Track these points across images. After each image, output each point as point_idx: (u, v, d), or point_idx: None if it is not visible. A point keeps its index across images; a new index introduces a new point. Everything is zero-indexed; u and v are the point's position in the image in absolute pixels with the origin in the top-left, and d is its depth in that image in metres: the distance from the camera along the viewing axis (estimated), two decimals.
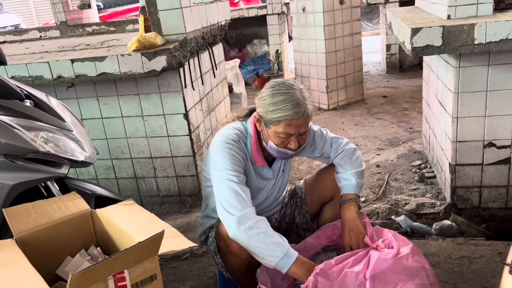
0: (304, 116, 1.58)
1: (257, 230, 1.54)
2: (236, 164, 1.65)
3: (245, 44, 7.35)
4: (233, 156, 1.66)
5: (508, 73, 2.23)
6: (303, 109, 1.57)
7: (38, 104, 1.89)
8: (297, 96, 1.58)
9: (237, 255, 1.66)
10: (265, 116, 1.62)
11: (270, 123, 1.61)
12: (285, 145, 1.64)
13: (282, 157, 1.72)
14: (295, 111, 1.56)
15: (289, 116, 1.56)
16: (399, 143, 3.76)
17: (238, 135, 1.72)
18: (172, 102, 2.79)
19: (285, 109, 1.56)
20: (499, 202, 2.48)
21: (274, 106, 1.58)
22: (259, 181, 1.82)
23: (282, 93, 1.59)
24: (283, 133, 1.60)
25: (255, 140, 1.74)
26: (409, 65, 6.36)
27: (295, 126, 1.58)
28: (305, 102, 1.59)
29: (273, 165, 1.84)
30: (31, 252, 1.46)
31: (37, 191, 1.85)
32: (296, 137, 1.62)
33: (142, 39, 2.58)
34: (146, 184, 3.03)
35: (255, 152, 1.74)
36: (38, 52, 3.15)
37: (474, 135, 2.39)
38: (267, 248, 1.52)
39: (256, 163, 1.76)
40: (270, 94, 1.61)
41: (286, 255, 1.51)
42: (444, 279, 1.97)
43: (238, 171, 1.65)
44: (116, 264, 1.21)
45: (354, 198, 1.75)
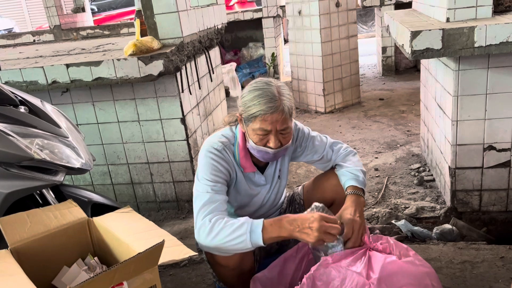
0: (278, 111, 1.55)
1: (216, 230, 1.49)
2: (214, 174, 1.63)
3: (241, 47, 7.33)
4: (213, 166, 1.64)
5: (508, 76, 2.22)
6: (277, 103, 1.55)
7: (33, 110, 1.86)
8: (272, 91, 1.57)
9: (224, 266, 1.63)
10: (244, 114, 1.62)
11: (248, 121, 1.60)
12: (264, 144, 1.61)
13: (264, 157, 1.68)
14: (268, 105, 1.54)
15: (262, 111, 1.54)
16: (397, 146, 3.75)
17: (223, 143, 1.70)
18: (169, 106, 2.75)
19: (258, 103, 1.55)
20: (499, 206, 2.47)
21: (250, 102, 1.58)
22: (252, 187, 1.79)
23: (257, 89, 1.59)
24: (259, 129, 1.58)
25: (243, 146, 1.71)
26: (405, 67, 6.37)
27: (270, 122, 1.56)
28: (280, 97, 1.57)
29: (265, 171, 1.81)
30: (26, 262, 1.43)
31: (32, 199, 1.81)
32: (275, 135, 1.59)
33: (139, 43, 2.55)
34: (142, 189, 2.99)
35: (243, 159, 1.72)
36: (32, 56, 3.11)
37: (474, 138, 2.37)
38: (233, 238, 1.47)
39: (245, 169, 1.74)
40: (248, 91, 1.61)
41: (252, 231, 1.46)
42: (447, 284, 1.95)
43: (216, 180, 1.62)
44: (115, 275, 1.17)
45: (361, 193, 1.72)
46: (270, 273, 1.68)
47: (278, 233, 1.47)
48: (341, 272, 1.45)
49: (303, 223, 1.45)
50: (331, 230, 1.44)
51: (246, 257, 1.65)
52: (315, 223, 1.43)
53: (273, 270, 1.68)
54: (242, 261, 1.62)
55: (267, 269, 1.69)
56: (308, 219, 1.45)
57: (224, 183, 1.66)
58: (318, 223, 1.43)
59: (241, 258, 1.61)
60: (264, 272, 1.68)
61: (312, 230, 1.43)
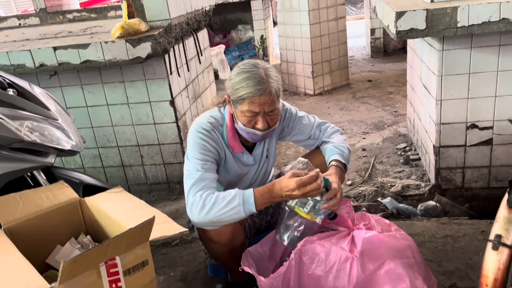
0: (266, 93, 1.58)
1: (209, 204, 1.53)
2: (203, 153, 1.66)
3: (230, 30, 7.29)
4: (202, 145, 1.67)
5: (489, 55, 2.27)
6: (265, 86, 1.58)
7: (21, 93, 1.86)
8: (260, 74, 1.59)
9: (216, 241, 1.67)
10: (232, 96, 1.64)
11: (236, 103, 1.63)
12: (252, 125, 1.65)
13: (252, 138, 1.71)
14: (256, 88, 1.57)
15: (251, 94, 1.57)
16: (384, 126, 3.81)
17: (211, 123, 1.73)
18: (158, 89, 2.77)
19: (247, 86, 1.58)
20: (481, 182, 2.55)
21: (238, 85, 1.60)
22: (240, 167, 1.83)
23: (245, 71, 1.61)
24: (248, 111, 1.61)
25: (231, 126, 1.74)
26: (393, 49, 6.40)
27: (259, 104, 1.59)
28: (268, 80, 1.60)
29: (254, 151, 1.85)
30: (20, 242, 1.46)
31: (23, 181, 1.84)
32: (263, 117, 1.63)
33: (126, 26, 2.55)
34: (133, 172, 3.02)
35: (232, 139, 1.75)
36: (19, 40, 3.08)
37: (457, 117, 2.43)
38: (227, 211, 1.52)
39: (234, 149, 1.77)
40: (236, 73, 1.64)
41: (244, 202, 1.52)
42: (429, 257, 2.03)
43: (205, 159, 1.66)
44: (108, 250, 1.21)
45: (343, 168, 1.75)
46: (262, 247, 1.72)
47: (270, 200, 1.54)
48: (326, 247, 1.50)
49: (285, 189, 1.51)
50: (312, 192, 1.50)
51: (237, 233, 1.69)
52: (296, 191, 1.49)
53: (265, 244, 1.73)
54: (233, 237, 1.67)
55: (259, 243, 1.73)
56: (287, 187, 1.50)
57: (214, 161, 1.69)
58: (298, 191, 1.49)
59: (232, 234, 1.66)
60: (256, 246, 1.72)
61: (296, 195, 1.50)
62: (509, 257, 1.17)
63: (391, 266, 1.45)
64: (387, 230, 1.61)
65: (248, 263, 1.63)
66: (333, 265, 1.46)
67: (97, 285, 1.23)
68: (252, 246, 1.73)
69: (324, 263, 1.48)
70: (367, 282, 1.45)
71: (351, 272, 1.44)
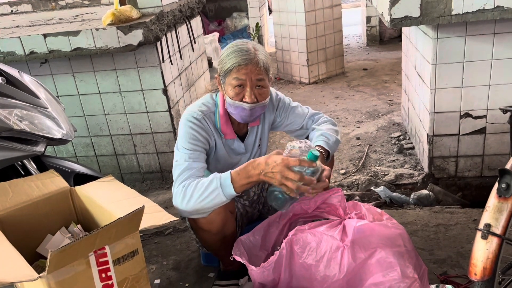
0: (253, 62, 1.59)
1: (189, 192, 1.53)
2: (192, 142, 1.65)
3: (225, 17, 7.22)
4: (191, 135, 1.66)
5: (483, 43, 2.26)
6: (252, 55, 1.59)
7: (10, 81, 1.84)
8: (248, 46, 1.62)
9: (207, 230, 1.66)
10: (221, 72, 1.65)
11: (224, 77, 1.64)
12: (240, 98, 1.63)
13: (241, 115, 1.67)
14: (243, 57, 1.59)
15: (237, 63, 1.58)
16: (378, 115, 3.80)
17: (203, 111, 1.72)
18: (150, 77, 2.74)
19: (234, 57, 1.60)
20: (474, 171, 2.55)
21: (226, 58, 1.62)
22: (231, 155, 1.82)
23: (233, 45, 1.64)
24: (235, 79, 1.60)
25: (224, 112, 1.74)
26: (389, 37, 6.37)
27: (245, 72, 1.59)
28: (256, 52, 1.62)
29: (246, 139, 1.84)
30: (10, 231, 1.45)
31: (14, 170, 1.82)
32: (251, 88, 1.61)
33: (117, 13, 2.51)
34: (126, 161, 3.00)
35: (224, 125, 1.74)
36: (9, 27, 3.04)
37: (451, 106, 2.42)
38: (206, 196, 1.51)
39: (226, 135, 1.76)
40: (224, 50, 1.66)
41: (222, 185, 1.50)
42: (421, 246, 2.04)
43: (194, 149, 1.65)
44: (97, 240, 1.21)
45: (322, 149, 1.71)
46: (254, 236, 1.72)
47: (247, 180, 1.50)
48: (317, 236, 1.50)
49: (266, 167, 1.46)
50: (292, 176, 1.43)
51: (228, 222, 1.69)
52: (276, 167, 1.44)
53: (257, 234, 1.73)
54: (224, 226, 1.67)
55: (251, 232, 1.73)
56: (271, 164, 1.46)
57: (203, 151, 1.68)
58: (279, 167, 1.43)
59: (223, 223, 1.65)
60: (248, 235, 1.72)
61: (274, 173, 1.45)
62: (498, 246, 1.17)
63: (382, 254, 1.45)
64: (378, 219, 1.61)
65: (240, 252, 1.63)
66: (324, 254, 1.46)
67: (87, 274, 1.22)
68: (244, 235, 1.72)
69: (315, 252, 1.48)
70: (358, 271, 1.46)
71: (342, 261, 1.44)
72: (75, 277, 1.20)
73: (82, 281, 1.21)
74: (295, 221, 1.73)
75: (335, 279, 1.46)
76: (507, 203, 1.19)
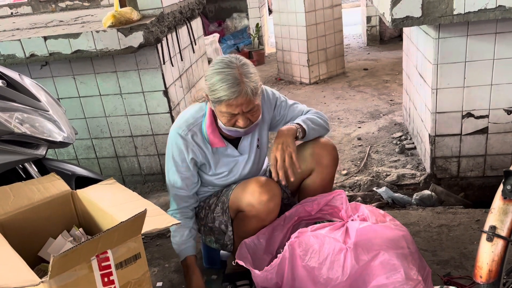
0: (242, 94, 1.55)
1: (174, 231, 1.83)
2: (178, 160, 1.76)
3: (225, 18, 7.21)
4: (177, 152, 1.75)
5: (485, 43, 2.25)
6: (240, 87, 1.54)
7: (11, 84, 1.83)
8: (234, 75, 1.55)
9: (263, 219, 1.70)
10: (210, 96, 1.62)
11: (214, 103, 1.62)
12: (233, 124, 1.64)
13: (236, 135, 1.72)
14: (231, 90, 1.54)
15: (226, 97, 1.55)
16: (380, 115, 3.79)
17: (188, 126, 1.74)
18: (151, 79, 2.73)
19: (222, 89, 1.55)
20: (476, 171, 2.54)
21: (213, 87, 1.58)
22: (226, 160, 1.82)
23: (219, 72, 1.57)
24: (226, 112, 1.60)
25: (211, 122, 1.73)
26: (390, 37, 6.36)
27: (236, 106, 1.57)
28: (243, 79, 1.55)
29: (240, 143, 1.82)
30: (11, 235, 1.44)
31: (15, 173, 1.81)
32: (243, 115, 1.61)
33: (118, 15, 2.50)
34: (127, 163, 3.00)
35: (211, 135, 1.74)
36: (9, 29, 3.03)
37: (453, 106, 2.42)
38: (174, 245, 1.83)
39: (213, 145, 1.76)
40: (210, 74, 1.60)
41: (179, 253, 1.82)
42: (424, 247, 2.03)
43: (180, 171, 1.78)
44: (99, 244, 1.20)
45: (297, 124, 1.75)
46: (258, 239, 1.72)
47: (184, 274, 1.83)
48: (319, 238, 1.49)
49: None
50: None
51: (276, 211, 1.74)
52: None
53: (261, 237, 1.72)
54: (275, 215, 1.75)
55: (255, 235, 1.73)
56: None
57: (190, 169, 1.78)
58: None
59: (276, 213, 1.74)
60: (252, 238, 1.72)
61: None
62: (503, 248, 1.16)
63: (386, 256, 1.44)
64: (381, 221, 1.61)
65: (244, 255, 1.62)
66: (327, 257, 1.46)
67: (89, 278, 1.21)
68: (248, 238, 1.72)
69: (318, 254, 1.47)
70: (361, 273, 1.45)
71: (345, 263, 1.43)
72: (77, 281, 1.19)
73: (84, 285, 1.20)
74: (298, 224, 1.72)
75: (338, 282, 1.45)
76: None
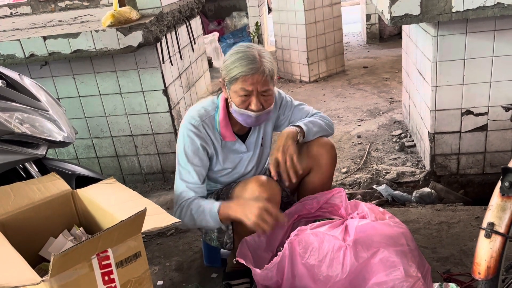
0: (259, 72, 1.58)
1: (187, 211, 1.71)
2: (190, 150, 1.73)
3: (224, 17, 7.21)
4: (190, 145, 1.73)
5: (484, 40, 2.25)
6: (258, 65, 1.58)
7: (11, 84, 1.83)
8: (253, 54, 1.60)
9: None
10: (226, 78, 1.65)
11: (230, 84, 1.64)
12: (246, 106, 1.64)
13: (246, 121, 1.70)
14: (249, 67, 1.58)
15: (243, 72, 1.58)
16: (379, 113, 3.79)
17: (201, 116, 1.74)
18: (151, 78, 2.74)
19: (240, 65, 1.59)
20: (476, 168, 2.55)
21: (231, 65, 1.61)
22: (232, 156, 1.83)
23: (239, 52, 1.63)
24: (241, 89, 1.61)
25: (224, 115, 1.75)
26: (389, 34, 6.36)
27: (251, 83, 1.59)
28: (261, 59, 1.60)
29: (247, 139, 1.84)
30: (12, 234, 1.44)
31: (15, 173, 1.82)
32: (257, 97, 1.62)
33: (117, 14, 2.51)
34: (128, 162, 3.00)
35: (224, 128, 1.75)
36: (8, 29, 3.03)
37: (452, 104, 2.42)
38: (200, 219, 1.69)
39: (225, 138, 1.77)
40: (229, 55, 1.65)
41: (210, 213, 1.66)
42: (423, 244, 2.03)
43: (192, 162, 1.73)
44: (99, 243, 1.20)
45: (298, 127, 1.77)
46: (259, 237, 1.72)
47: (227, 213, 1.63)
48: (319, 236, 1.50)
49: (247, 207, 1.58)
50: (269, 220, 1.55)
51: None
52: (256, 210, 1.55)
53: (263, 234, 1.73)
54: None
55: (256, 233, 1.73)
56: (253, 205, 1.57)
57: (202, 160, 1.75)
58: (258, 210, 1.55)
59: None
60: (253, 236, 1.72)
61: (252, 215, 1.55)
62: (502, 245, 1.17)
63: (385, 254, 1.45)
64: (381, 218, 1.61)
65: (244, 254, 1.63)
66: (326, 254, 1.46)
67: (90, 277, 1.22)
68: (249, 236, 1.72)
69: (317, 252, 1.48)
70: (361, 271, 1.45)
71: (344, 261, 1.44)
72: (78, 280, 1.19)
73: (85, 284, 1.21)
74: (298, 222, 1.73)
75: (338, 279, 1.46)
76: (510, 202, 1.19)
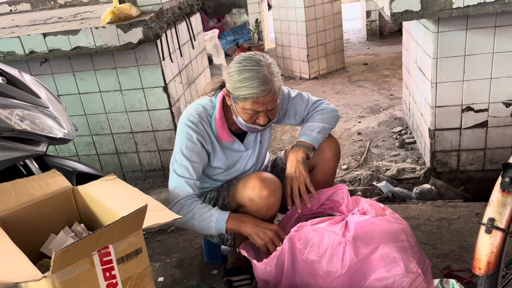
0: (271, 93, 1.55)
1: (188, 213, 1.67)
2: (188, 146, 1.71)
3: (224, 14, 7.20)
4: (188, 141, 1.71)
5: (484, 37, 2.25)
6: (269, 86, 1.54)
7: (11, 81, 1.83)
8: (264, 73, 1.54)
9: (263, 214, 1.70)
10: (233, 92, 1.60)
11: (237, 99, 1.60)
12: (253, 121, 1.64)
13: (252, 131, 1.73)
14: (261, 88, 1.53)
15: (255, 94, 1.54)
16: (380, 110, 3.79)
17: (199, 114, 1.73)
18: (151, 75, 2.73)
19: (251, 86, 1.54)
20: (476, 165, 2.55)
21: (240, 83, 1.56)
22: (230, 154, 1.82)
23: (248, 69, 1.56)
24: (250, 110, 1.59)
25: (220, 116, 1.73)
26: (389, 31, 6.35)
27: (262, 103, 1.57)
28: (272, 78, 1.56)
29: (245, 139, 1.83)
30: (13, 231, 1.45)
31: (16, 170, 1.82)
32: (265, 113, 1.62)
33: (117, 11, 2.50)
34: (128, 159, 3.00)
35: (220, 129, 1.74)
36: (8, 26, 3.03)
37: (453, 100, 2.42)
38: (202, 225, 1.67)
39: (221, 139, 1.76)
40: (237, 71, 1.58)
41: (217, 222, 1.65)
42: (424, 240, 2.04)
43: (190, 158, 1.71)
44: (100, 239, 1.20)
45: (306, 146, 1.76)
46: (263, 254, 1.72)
47: (238, 227, 1.64)
48: (319, 232, 1.50)
49: (261, 228, 1.62)
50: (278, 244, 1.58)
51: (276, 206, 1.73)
52: (271, 234, 1.61)
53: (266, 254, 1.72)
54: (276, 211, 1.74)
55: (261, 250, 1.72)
56: (268, 228, 1.62)
57: (200, 157, 1.73)
58: (273, 234, 1.61)
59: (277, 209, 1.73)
60: None
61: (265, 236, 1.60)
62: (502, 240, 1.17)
63: (385, 250, 1.45)
64: (381, 214, 1.61)
65: (247, 247, 1.64)
66: (326, 250, 1.47)
67: (91, 273, 1.22)
68: None
69: (317, 247, 1.48)
70: (361, 266, 1.46)
71: (344, 256, 1.44)
72: (79, 276, 1.19)
73: (86, 280, 1.21)
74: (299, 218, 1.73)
75: (338, 274, 1.46)
76: (510, 197, 1.19)
